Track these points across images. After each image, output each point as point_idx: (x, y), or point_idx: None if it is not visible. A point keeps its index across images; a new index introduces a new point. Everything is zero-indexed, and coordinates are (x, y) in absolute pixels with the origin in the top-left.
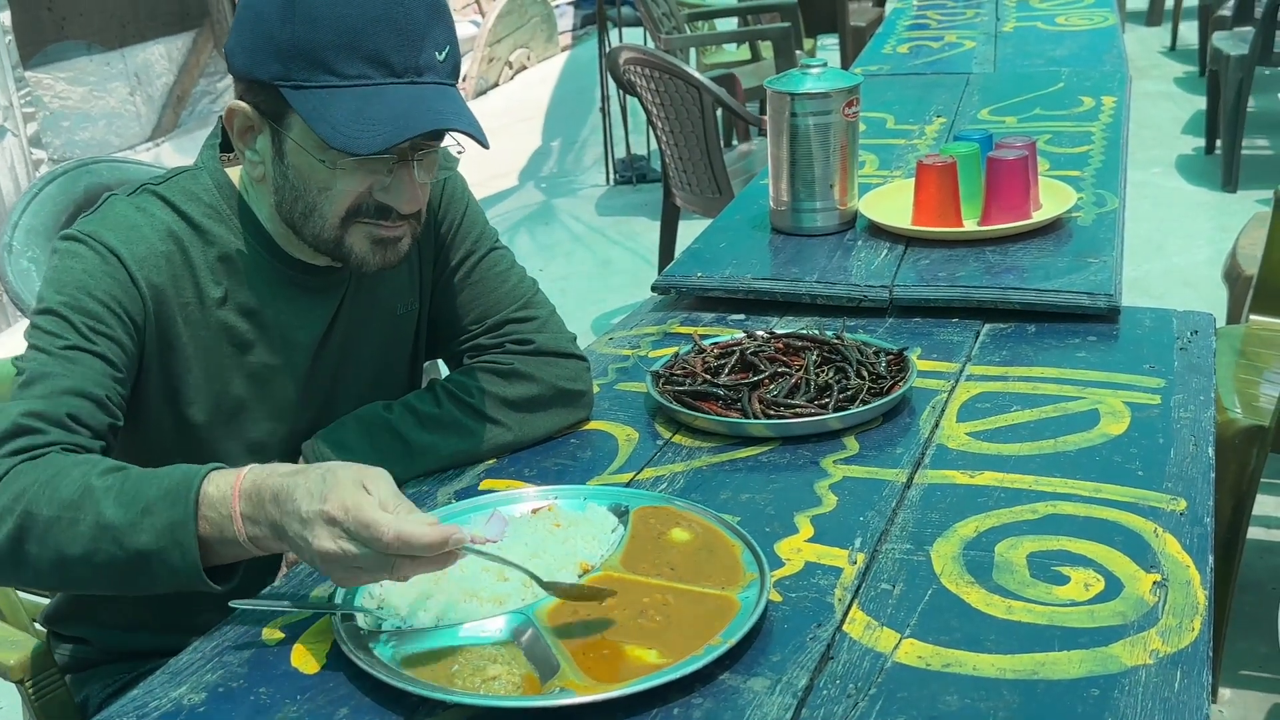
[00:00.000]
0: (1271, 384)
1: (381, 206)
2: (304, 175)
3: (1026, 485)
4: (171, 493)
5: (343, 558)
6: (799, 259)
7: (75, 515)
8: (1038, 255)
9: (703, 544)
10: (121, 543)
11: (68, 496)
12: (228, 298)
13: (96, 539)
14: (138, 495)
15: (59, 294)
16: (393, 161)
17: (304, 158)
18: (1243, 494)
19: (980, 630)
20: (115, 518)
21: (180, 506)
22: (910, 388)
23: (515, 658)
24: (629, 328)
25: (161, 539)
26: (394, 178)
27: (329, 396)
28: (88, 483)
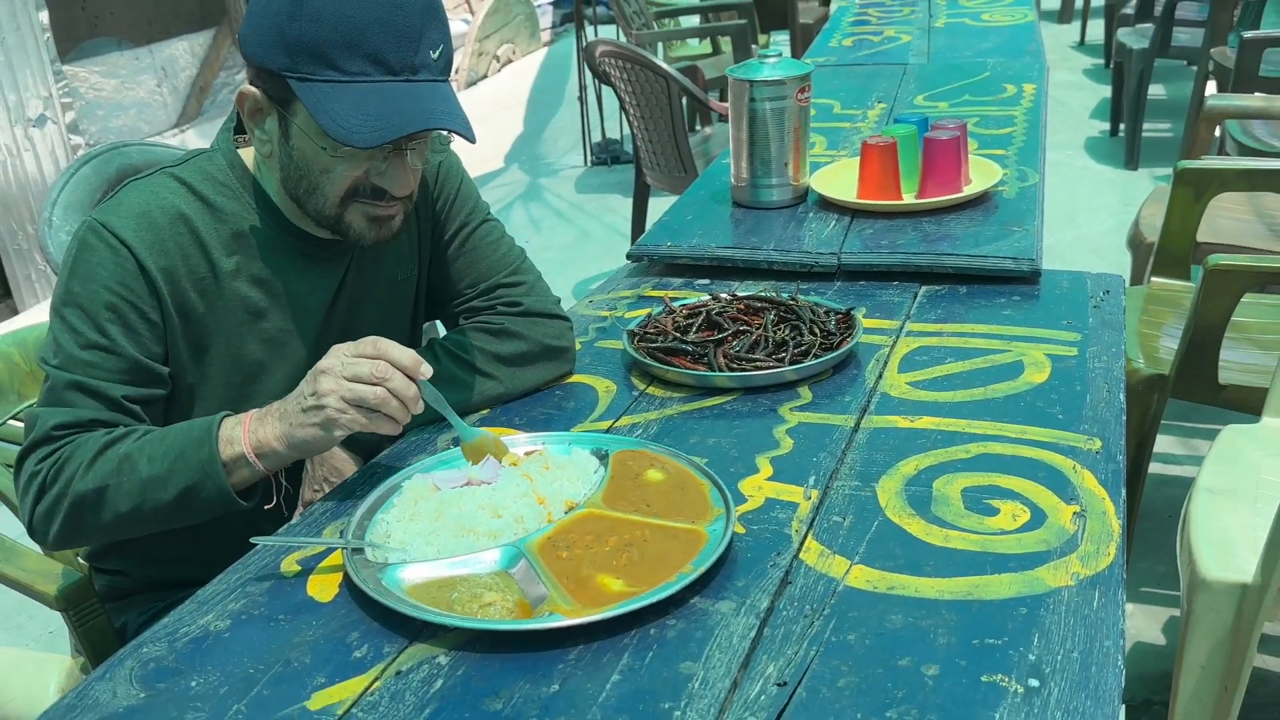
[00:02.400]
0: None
1: (377, 189)
2: (307, 158)
3: (960, 428)
4: (196, 439)
5: (335, 369)
6: (757, 230)
7: (119, 480)
8: (968, 225)
9: (675, 483)
10: (164, 488)
11: (108, 468)
12: (240, 269)
13: (142, 493)
14: (168, 449)
15: (78, 288)
16: (388, 150)
17: (307, 142)
18: (1145, 434)
19: (921, 557)
20: (154, 471)
21: (206, 447)
22: (857, 343)
23: (509, 586)
24: (607, 292)
25: (194, 476)
26: (389, 164)
27: None
28: (120, 451)
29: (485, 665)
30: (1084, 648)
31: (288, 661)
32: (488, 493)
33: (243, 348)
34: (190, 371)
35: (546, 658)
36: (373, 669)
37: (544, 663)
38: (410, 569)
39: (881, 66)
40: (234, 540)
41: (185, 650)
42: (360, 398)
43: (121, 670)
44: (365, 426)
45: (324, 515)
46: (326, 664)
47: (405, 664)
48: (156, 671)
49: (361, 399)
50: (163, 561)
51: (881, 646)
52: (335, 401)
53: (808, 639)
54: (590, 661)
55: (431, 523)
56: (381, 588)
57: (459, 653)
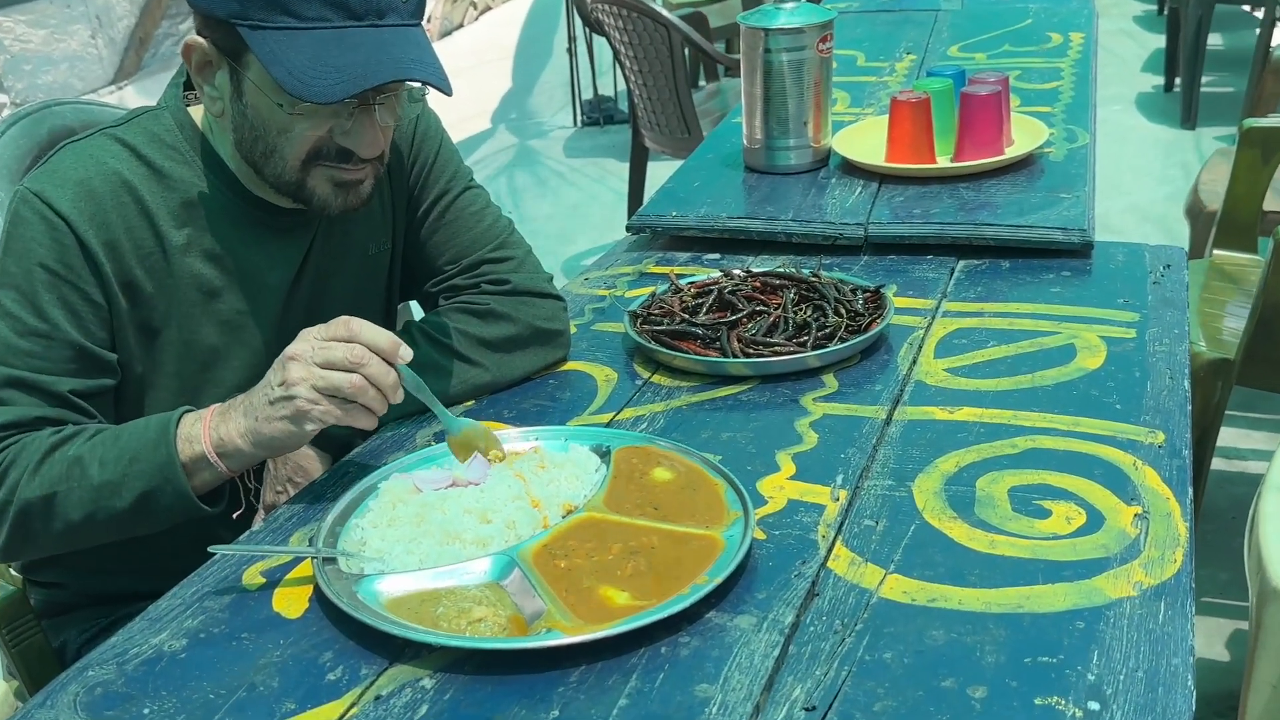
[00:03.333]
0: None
1: (343, 150)
2: (263, 117)
3: (1005, 420)
4: (152, 439)
5: (306, 354)
6: (774, 197)
7: (69, 486)
8: (1011, 191)
9: (685, 483)
10: (119, 495)
11: (57, 473)
12: (192, 243)
13: (95, 500)
14: (121, 451)
15: (13, 268)
16: (353, 105)
17: (262, 99)
18: (1207, 426)
19: (964, 565)
20: (107, 476)
21: (163, 448)
22: (887, 325)
23: (500, 599)
24: (604, 268)
25: (152, 481)
26: (355, 122)
27: None
28: (70, 454)
29: (475, 689)
30: (1149, 666)
31: (252, 686)
32: (476, 495)
33: (196, 332)
34: (139, 359)
35: (544, 680)
36: (348, 694)
37: (541, 686)
38: (389, 581)
39: (911, 13)
40: (189, 549)
41: (136, 674)
42: (334, 386)
43: (64, 697)
44: (340, 419)
45: (290, 521)
46: (296, 688)
47: (385, 688)
48: (105, 698)
49: (335, 388)
50: (107, 573)
51: (921, 666)
52: (306, 391)
53: (838, 658)
54: (594, 684)
55: (412, 529)
56: (357, 602)
57: (445, 675)
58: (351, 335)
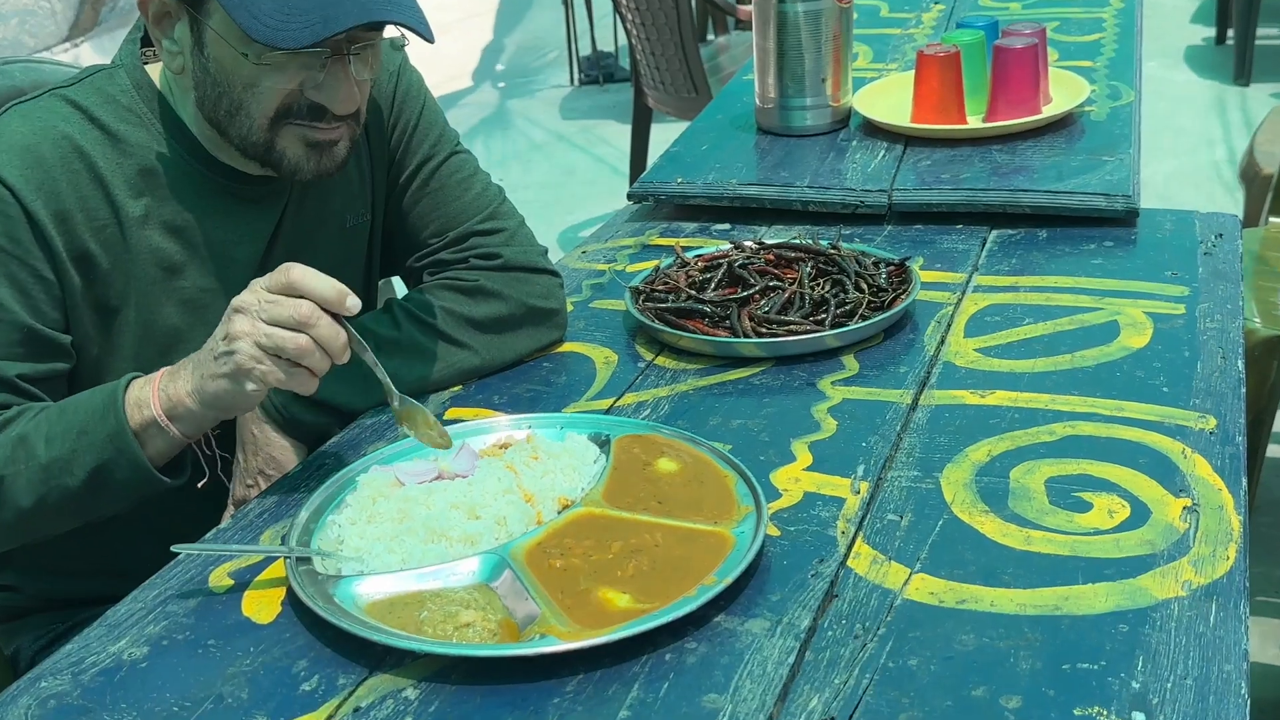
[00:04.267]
0: None
1: (315, 106)
2: (227, 70)
3: (1042, 404)
4: (100, 408)
5: (252, 307)
6: (789, 162)
7: (15, 470)
8: (1049, 154)
9: (692, 475)
10: (70, 472)
11: (2, 456)
12: (150, 214)
13: (45, 481)
14: (69, 424)
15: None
16: (325, 56)
17: (226, 50)
18: (1262, 410)
19: (997, 563)
20: (55, 453)
21: (112, 416)
22: (913, 301)
23: (490, 602)
24: (603, 240)
25: (104, 453)
26: (327, 74)
27: None
28: (14, 434)
29: (463, 700)
30: (1199, 673)
31: (220, 698)
32: (463, 488)
33: (156, 311)
34: (95, 341)
35: (538, 690)
36: (325, 706)
37: (535, 696)
38: (369, 582)
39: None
40: (151, 548)
41: (94, 685)
42: (278, 346)
43: (15, 709)
44: (282, 382)
45: (260, 517)
46: (268, 700)
47: (364, 699)
48: (59, 711)
49: (279, 348)
50: (63, 574)
51: (950, 673)
52: (249, 348)
53: (859, 665)
54: (592, 695)
55: (394, 526)
56: (333, 606)
57: (430, 685)
58: (292, 284)
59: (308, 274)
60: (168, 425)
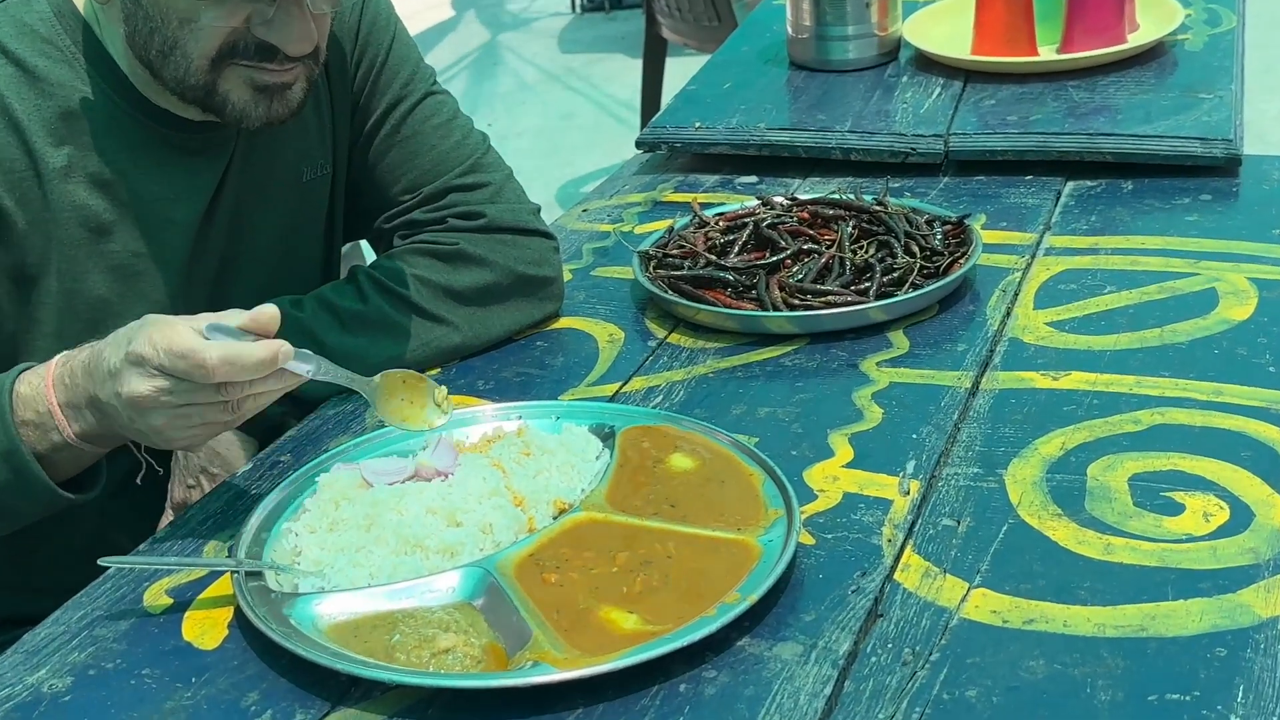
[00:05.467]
0: None
1: (264, 45)
2: (160, 2)
3: (1126, 388)
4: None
5: (160, 399)
6: (826, 102)
7: None
8: (1135, 91)
9: (711, 473)
10: None
11: None
12: (74, 166)
13: None
14: None
15: None
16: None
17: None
18: None
19: (1071, 575)
20: None
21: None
22: (973, 266)
23: (474, 624)
24: (607, 196)
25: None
26: (278, 7)
27: (218, 292)
28: None
29: None
30: None
31: None
32: (441, 490)
33: (81, 280)
34: (10, 315)
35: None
36: None
37: None
38: (331, 601)
39: None
40: (73, 560)
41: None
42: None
43: None
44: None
45: (204, 524)
46: None
47: None
48: None
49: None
50: None
51: (1015, 706)
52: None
53: (908, 697)
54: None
55: (360, 534)
56: (290, 629)
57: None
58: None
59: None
60: (64, 426)
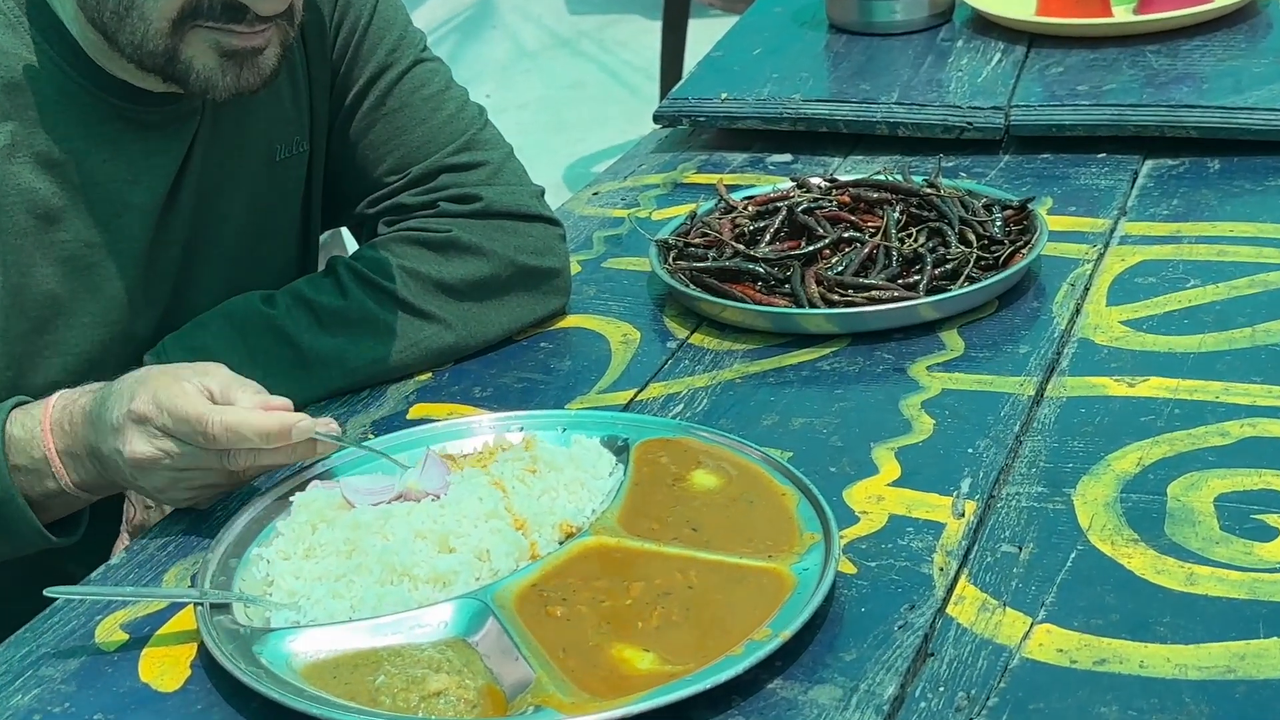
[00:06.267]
0: None
1: (231, 3)
2: None
3: (1212, 396)
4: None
5: (163, 461)
6: (870, 70)
7: None
8: (1222, 57)
9: (739, 493)
10: None
11: None
12: (18, 144)
13: None
14: None
15: None
16: None
17: None
18: None
19: (1149, 609)
20: None
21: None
22: (1038, 257)
23: (469, 663)
24: (621, 177)
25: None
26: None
27: (181, 284)
28: None
29: None
30: None
31: None
32: (433, 512)
33: (27, 273)
34: None
35: None
36: None
37: None
38: (307, 637)
39: None
40: (15, 591)
41: None
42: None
43: None
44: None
45: (164, 550)
46: None
47: None
48: None
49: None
50: None
51: None
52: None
53: None
54: None
55: (340, 561)
56: (261, 668)
57: None
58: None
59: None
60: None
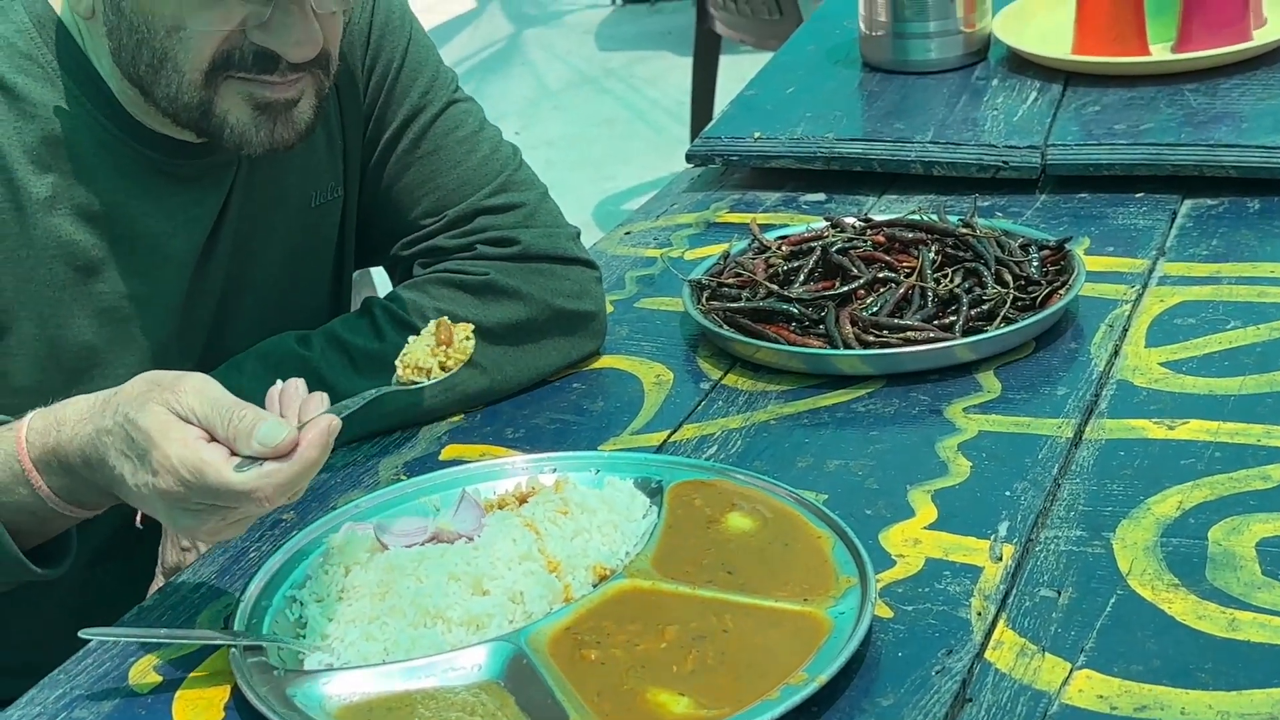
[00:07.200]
0: None
1: (263, 53)
2: (145, 9)
3: (1253, 439)
4: None
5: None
6: (905, 109)
7: None
8: (1262, 95)
9: (774, 535)
10: None
11: None
12: (58, 196)
13: None
14: None
15: None
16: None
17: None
18: None
19: (1190, 655)
20: None
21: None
22: (1075, 297)
23: (502, 706)
24: (653, 216)
25: None
26: (276, 6)
27: (216, 333)
28: None
29: None
30: None
31: None
32: (466, 554)
33: (65, 325)
34: None
35: None
36: None
37: None
38: (340, 680)
39: None
40: (50, 631)
41: None
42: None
43: None
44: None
45: (198, 592)
46: None
47: None
48: None
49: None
50: None
51: None
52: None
53: None
54: None
55: (374, 604)
56: (294, 711)
57: None
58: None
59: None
60: (34, 478)
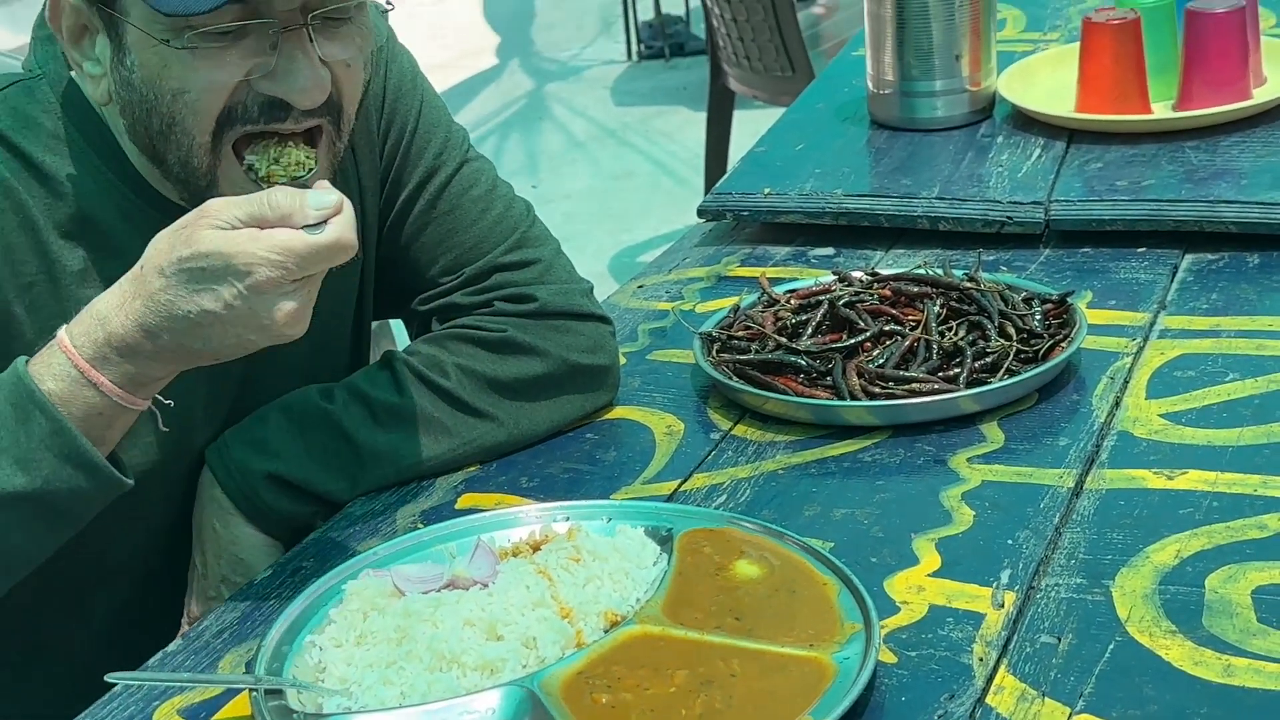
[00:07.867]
0: None
1: (270, 102)
2: (151, 72)
3: (1250, 489)
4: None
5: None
6: (912, 166)
7: None
8: (1261, 152)
9: (781, 582)
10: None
11: None
12: (90, 270)
13: None
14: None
15: None
16: (275, 31)
17: (147, 48)
18: None
19: (1187, 701)
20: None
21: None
22: (1078, 350)
23: None
24: (665, 270)
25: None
26: (280, 54)
27: (242, 395)
28: None
29: None
30: None
31: None
32: (481, 600)
33: None
34: None
35: None
36: None
37: None
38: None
39: None
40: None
41: None
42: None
43: None
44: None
45: (220, 638)
46: None
47: None
48: None
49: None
50: None
51: None
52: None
53: None
54: None
55: (391, 649)
56: None
57: None
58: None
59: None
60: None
